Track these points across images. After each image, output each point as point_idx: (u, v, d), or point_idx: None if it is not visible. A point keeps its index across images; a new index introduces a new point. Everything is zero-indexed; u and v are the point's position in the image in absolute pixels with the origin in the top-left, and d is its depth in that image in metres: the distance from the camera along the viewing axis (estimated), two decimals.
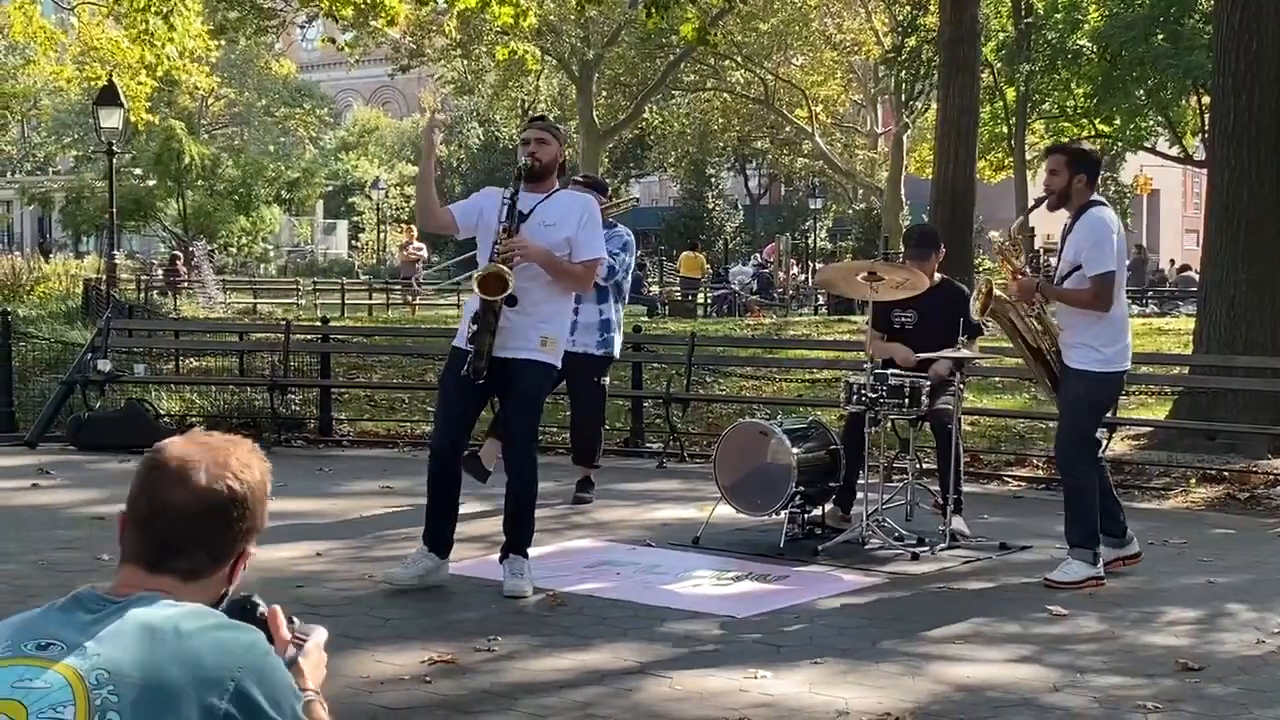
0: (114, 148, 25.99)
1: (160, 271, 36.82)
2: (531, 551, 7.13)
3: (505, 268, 6.57)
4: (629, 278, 9.24)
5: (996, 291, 7.30)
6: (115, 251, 27.88)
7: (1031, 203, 7.77)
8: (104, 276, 25.96)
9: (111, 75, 26.96)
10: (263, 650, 2.13)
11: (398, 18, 25.50)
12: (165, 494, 2.19)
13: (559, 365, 7.16)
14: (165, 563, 2.18)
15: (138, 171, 47.70)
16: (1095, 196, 7.32)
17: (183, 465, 2.19)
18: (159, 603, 2.11)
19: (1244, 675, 5.45)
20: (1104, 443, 7.92)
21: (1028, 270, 7.68)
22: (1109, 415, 8.35)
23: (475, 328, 6.69)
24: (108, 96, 24.70)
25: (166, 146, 45.19)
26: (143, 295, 28.71)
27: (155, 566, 2.18)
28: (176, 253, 39.37)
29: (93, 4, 32.05)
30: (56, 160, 63.17)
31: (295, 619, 2.36)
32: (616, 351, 9.45)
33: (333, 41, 34.12)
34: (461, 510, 7.10)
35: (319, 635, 2.40)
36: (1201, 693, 5.22)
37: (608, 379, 9.61)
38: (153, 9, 27.67)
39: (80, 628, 2.07)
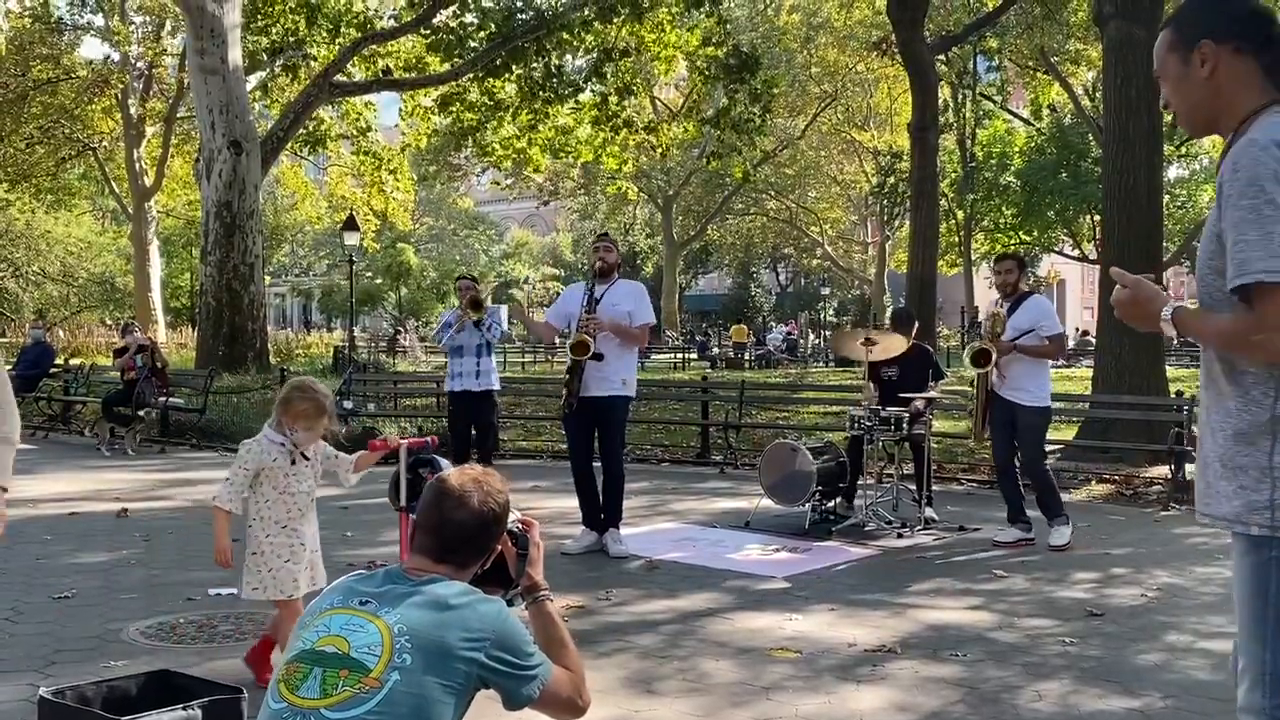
0: (353, 259, 26.55)
1: (384, 341, 37.35)
2: (632, 530, 7.16)
3: (588, 337, 6.69)
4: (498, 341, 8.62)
5: (986, 347, 7.05)
6: (354, 328, 28.34)
7: (999, 297, 7.56)
8: (347, 344, 26.39)
9: (351, 212, 27.63)
10: (504, 616, 2.18)
11: (541, 167, 26.08)
12: (450, 513, 2.27)
13: (634, 395, 7.13)
14: (447, 557, 2.26)
15: (369, 274, 48.62)
16: (1025, 287, 7.27)
17: (462, 493, 2.28)
18: (441, 582, 2.18)
19: (1131, 619, 5.34)
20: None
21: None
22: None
23: (568, 377, 6.82)
24: (349, 224, 25.32)
25: (395, 260, 46.54)
26: (372, 357, 29.03)
27: (440, 559, 2.25)
28: (394, 329, 39.96)
29: (338, 166, 32.83)
30: (314, 267, 64.21)
31: (517, 510, 2.43)
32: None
33: (498, 184, 34.74)
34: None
35: (535, 534, 2.50)
36: (1101, 631, 5.12)
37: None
38: (384, 167, 28.58)
39: (391, 594, 2.15)
